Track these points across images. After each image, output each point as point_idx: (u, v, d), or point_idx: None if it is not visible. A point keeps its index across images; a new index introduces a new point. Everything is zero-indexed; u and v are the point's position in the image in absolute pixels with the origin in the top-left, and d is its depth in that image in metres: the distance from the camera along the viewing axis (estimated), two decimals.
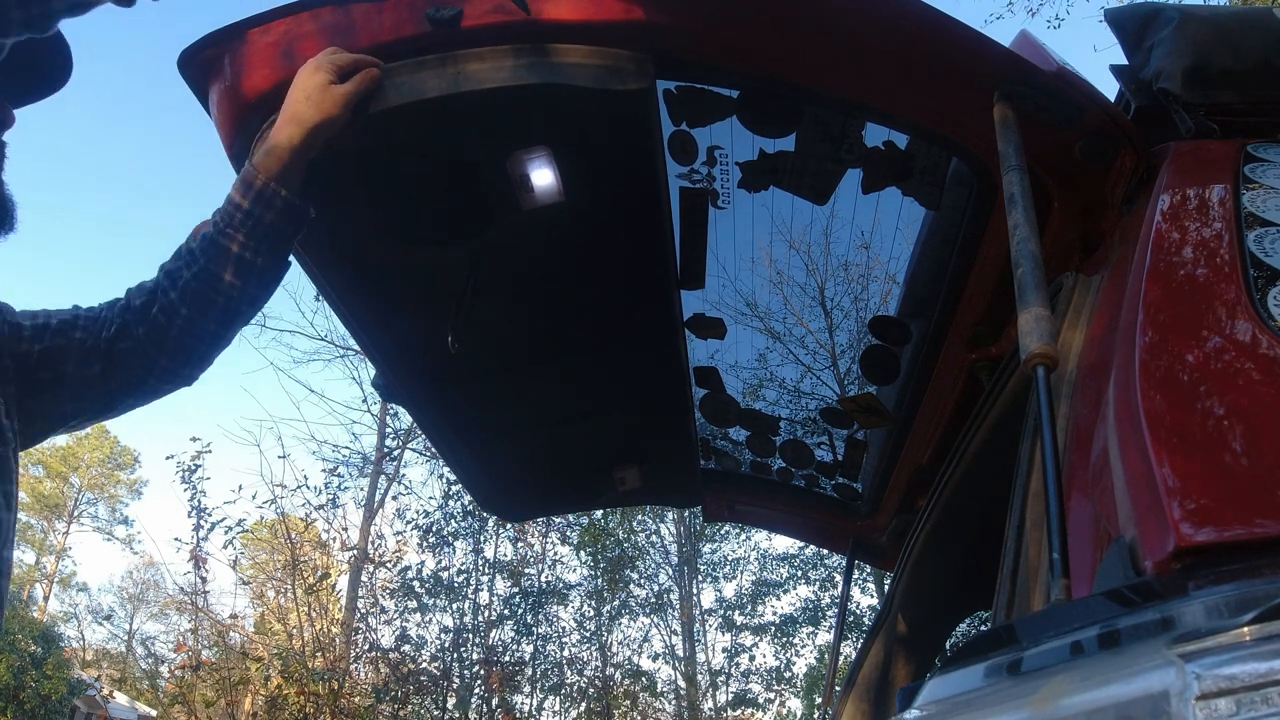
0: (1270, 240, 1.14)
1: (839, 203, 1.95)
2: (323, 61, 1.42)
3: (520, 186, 1.67)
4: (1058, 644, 0.74)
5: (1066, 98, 1.43)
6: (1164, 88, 1.67)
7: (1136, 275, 1.18)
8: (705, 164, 1.85)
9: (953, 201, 1.84)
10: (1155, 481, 0.84)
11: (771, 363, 2.74)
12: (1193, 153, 1.48)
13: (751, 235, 2.14)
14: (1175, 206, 1.32)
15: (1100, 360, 1.14)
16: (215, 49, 1.52)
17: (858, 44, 1.47)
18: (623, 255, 1.90)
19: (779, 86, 1.58)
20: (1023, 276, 1.14)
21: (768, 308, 2.48)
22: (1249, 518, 0.79)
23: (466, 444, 2.52)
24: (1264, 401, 0.93)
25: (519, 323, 2.14)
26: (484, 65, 1.46)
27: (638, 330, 2.14)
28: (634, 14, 1.42)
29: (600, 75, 1.45)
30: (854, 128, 1.72)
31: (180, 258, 1.47)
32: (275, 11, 1.50)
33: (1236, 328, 1.04)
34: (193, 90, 1.59)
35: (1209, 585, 0.68)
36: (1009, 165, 1.29)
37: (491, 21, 1.43)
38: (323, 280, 1.86)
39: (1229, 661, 0.57)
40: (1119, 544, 0.84)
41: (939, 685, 0.87)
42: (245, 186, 1.43)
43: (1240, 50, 1.69)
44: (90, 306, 1.48)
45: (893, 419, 2.50)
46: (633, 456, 2.68)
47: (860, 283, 2.38)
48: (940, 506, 2.26)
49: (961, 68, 1.46)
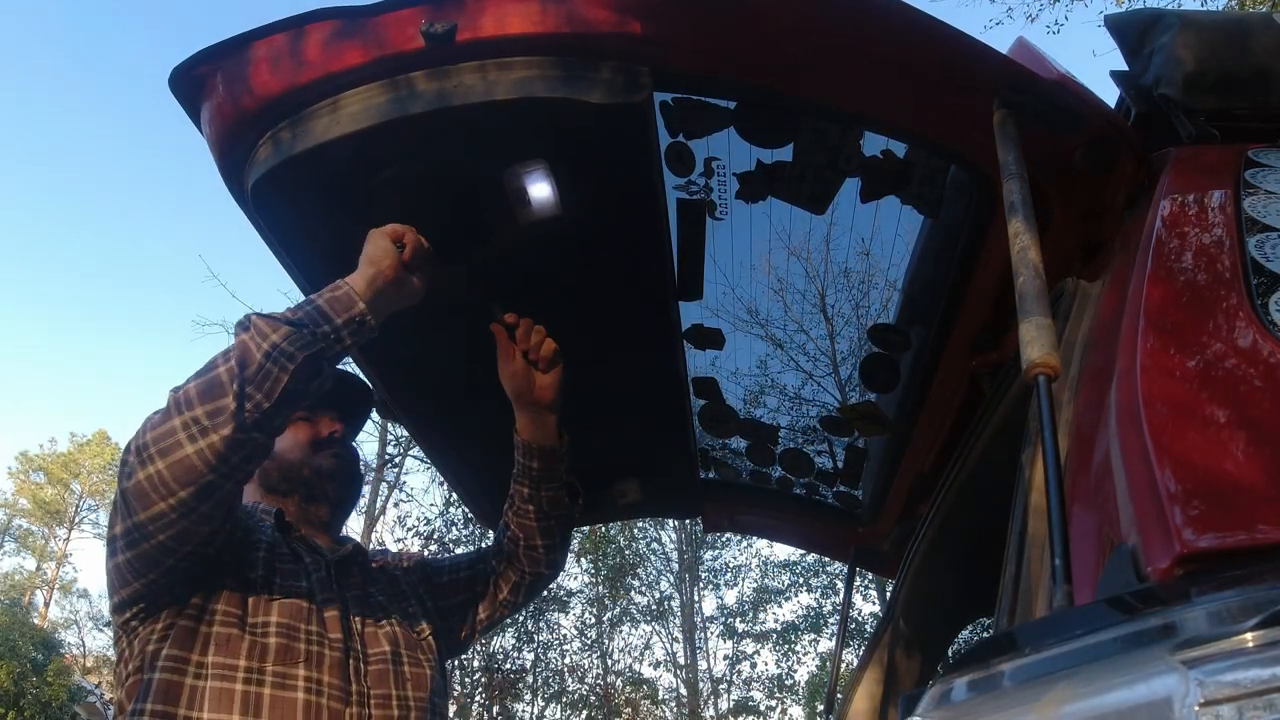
0: (1272, 245, 1.15)
1: (838, 211, 1.94)
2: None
3: (517, 200, 1.66)
4: (1060, 650, 0.73)
5: (1066, 104, 1.43)
6: (1164, 93, 1.67)
7: (1137, 281, 1.18)
8: (703, 175, 1.85)
9: (952, 209, 1.84)
10: (1157, 487, 0.84)
11: (771, 370, 2.74)
12: (1193, 158, 1.48)
13: (750, 245, 2.14)
14: (1176, 212, 1.32)
15: (1102, 366, 1.14)
16: (207, 66, 1.52)
17: (855, 54, 1.47)
18: (620, 267, 1.90)
19: (776, 98, 1.58)
20: (1023, 285, 1.14)
21: (767, 316, 2.48)
22: (1251, 524, 0.79)
23: (464, 460, 2.52)
24: (1266, 407, 0.93)
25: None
26: (479, 79, 1.46)
27: (636, 342, 2.14)
28: (631, 27, 1.42)
29: (598, 88, 1.45)
30: (852, 137, 1.72)
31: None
32: (267, 28, 1.49)
33: (1238, 333, 1.04)
34: (184, 108, 1.57)
35: (1212, 591, 0.68)
36: (1009, 173, 1.29)
37: (487, 35, 1.43)
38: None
39: (1232, 668, 0.57)
40: (1121, 550, 0.84)
41: (942, 692, 0.86)
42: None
43: (1241, 55, 1.69)
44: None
45: (893, 426, 2.49)
46: (632, 469, 2.68)
47: (860, 290, 2.38)
48: (942, 513, 2.26)
49: (960, 76, 1.46)
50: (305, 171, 1.55)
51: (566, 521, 1.95)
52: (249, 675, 1.44)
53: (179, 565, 1.42)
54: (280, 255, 1.76)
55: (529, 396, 1.83)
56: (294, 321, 1.42)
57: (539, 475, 1.87)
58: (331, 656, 1.52)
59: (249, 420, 1.35)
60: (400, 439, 16.48)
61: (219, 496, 1.40)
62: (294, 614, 1.52)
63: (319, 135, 1.50)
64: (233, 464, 1.37)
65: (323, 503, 1.76)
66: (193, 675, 1.43)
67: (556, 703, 19.48)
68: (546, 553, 1.92)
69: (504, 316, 1.79)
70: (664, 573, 22.67)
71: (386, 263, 1.53)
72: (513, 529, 1.91)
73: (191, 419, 1.34)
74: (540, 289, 1.95)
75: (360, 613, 1.65)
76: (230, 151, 1.58)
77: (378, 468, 16.32)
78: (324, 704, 1.47)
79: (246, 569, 1.54)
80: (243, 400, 1.34)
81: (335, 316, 1.46)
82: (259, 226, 1.69)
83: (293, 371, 1.37)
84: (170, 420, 1.35)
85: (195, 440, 1.33)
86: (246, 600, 1.51)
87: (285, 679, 1.46)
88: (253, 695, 1.43)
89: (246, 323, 1.42)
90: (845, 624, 3.62)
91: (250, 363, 1.36)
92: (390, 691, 1.58)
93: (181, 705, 1.40)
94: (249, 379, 1.35)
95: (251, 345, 1.37)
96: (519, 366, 1.81)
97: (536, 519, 1.89)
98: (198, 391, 1.36)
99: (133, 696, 1.44)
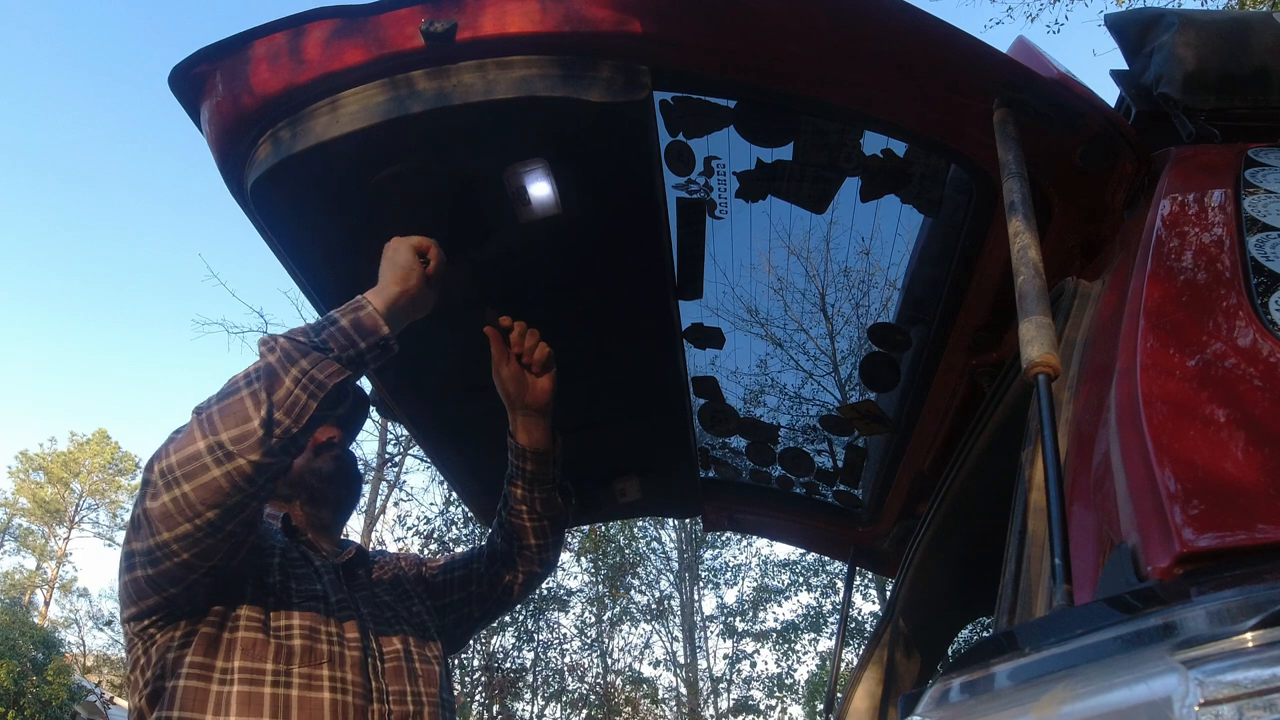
0: (1272, 245, 1.14)
1: (838, 210, 1.94)
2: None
3: (517, 199, 1.66)
4: (1060, 650, 0.73)
5: (1066, 104, 1.43)
6: (1164, 93, 1.67)
7: (1138, 281, 1.18)
8: (703, 174, 1.85)
9: (952, 208, 1.84)
10: (1157, 487, 0.84)
11: (771, 369, 2.74)
12: (1194, 158, 1.48)
13: (750, 244, 2.14)
14: (1176, 212, 1.32)
15: (1102, 366, 1.14)
16: (207, 65, 1.51)
17: (855, 53, 1.47)
18: (620, 266, 1.90)
19: (776, 97, 1.58)
20: (1023, 284, 1.13)
21: (767, 315, 2.48)
22: (1251, 523, 0.79)
23: (464, 458, 2.52)
24: (1266, 406, 0.93)
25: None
26: (479, 78, 1.45)
27: (635, 341, 2.14)
28: (631, 26, 1.42)
29: (597, 87, 1.45)
30: (852, 136, 1.72)
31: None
32: (267, 27, 1.49)
33: (1238, 332, 1.04)
34: (184, 107, 1.57)
35: (1211, 591, 0.68)
36: (1009, 172, 1.28)
37: (486, 34, 1.43)
38: (318, 300, 1.86)
39: (1232, 668, 0.57)
40: (1121, 550, 0.84)
41: (942, 691, 0.86)
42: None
43: (1241, 55, 1.69)
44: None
45: (893, 426, 2.49)
46: (632, 468, 2.68)
47: (860, 289, 2.38)
48: (942, 512, 2.26)
49: (961, 75, 1.46)
50: (305, 170, 1.55)
51: (559, 521, 1.96)
52: (276, 678, 1.46)
53: (202, 580, 1.43)
54: (280, 254, 1.76)
55: (523, 400, 1.84)
56: (321, 346, 1.42)
57: (532, 476, 1.88)
58: (351, 656, 1.54)
59: (276, 445, 1.36)
60: (400, 438, 16.48)
61: (244, 516, 1.40)
62: (314, 617, 1.54)
63: (319, 134, 1.50)
64: (259, 485, 1.38)
65: (325, 505, 1.78)
66: (218, 681, 1.43)
67: (556, 702, 19.49)
68: (540, 552, 1.94)
69: (499, 320, 1.79)
70: (664, 572, 22.69)
71: (413, 280, 1.52)
72: (506, 529, 1.92)
73: (217, 443, 1.33)
74: (540, 288, 1.95)
75: (371, 613, 1.67)
76: (230, 150, 1.58)
77: (378, 467, 16.31)
78: (350, 702, 1.50)
79: (265, 575, 1.55)
80: (271, 426, 1.34)
81: (360, 341, 1.45)
82: (258, 225, 1.69)
83: (322, 400, 1.39)
84: (196, 444, 1.35)
85: (222, 464, 1.33)
86: (268, 605, 1.52)
87: (311, 680, 1.48)
88: (281, 697, 1.44)
89: (273, 344, 1.41)
90: (845, 623, 3.62)
91: (278, 388, 1.36)
92: (406, 688, 1.61)
93: (209, 711, 1.41)
94: (277, 404, 1.35)
95: (279, 370, 1.38)
96: (513, 370, 1.82)
97: (530, 519, 1.90)
98: (223, 415, 1.36)
99: (155, 705, 1.44)
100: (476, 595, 1.94)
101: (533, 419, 1.86)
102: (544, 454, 1.88)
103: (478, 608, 1.95)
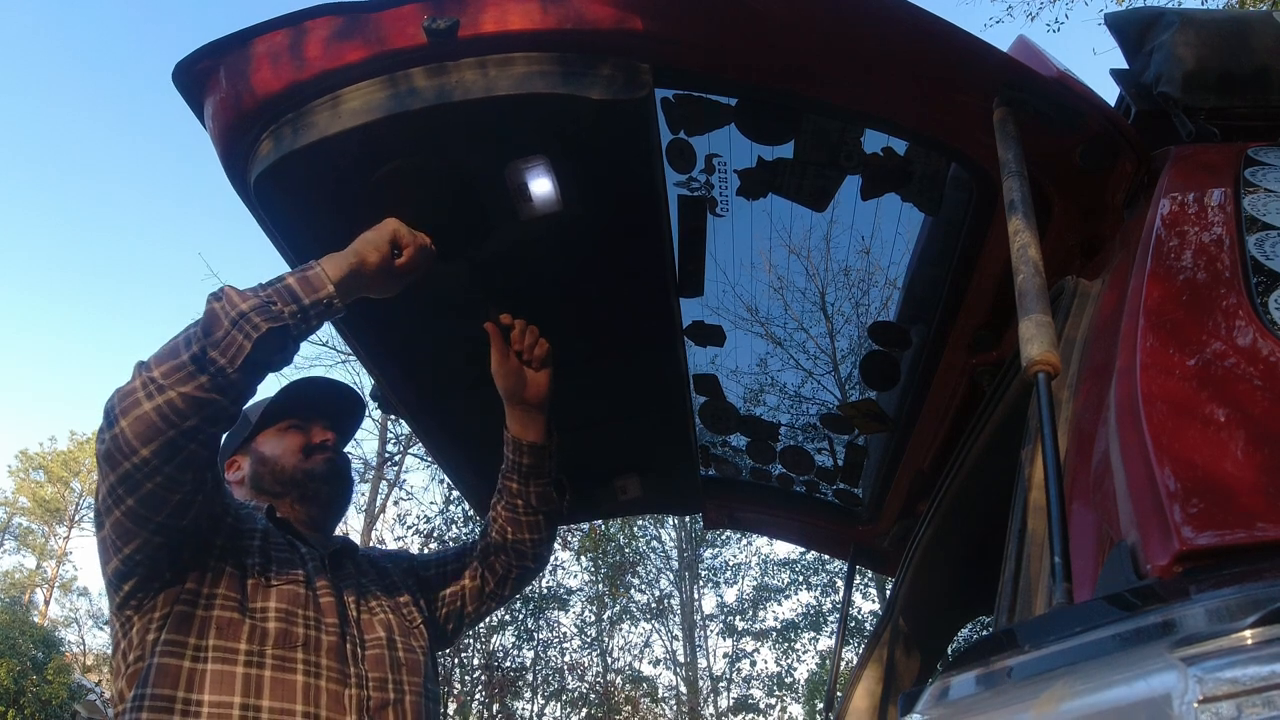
0: (1271, 244, 1.15)
1: (838, 208, 1.94)
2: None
3: (518, 196, 1.67)
4: (1060, 648, 0.74)
5: (1066, 103, 1.43)
6: (1164, 92, 1.67)
7: (1137, 279, 1.18)
8: (704, 172, 1.85)
9: (952, 207, 1.84)
10: (1157, 485, 0.84)
11: (772, 368, 2.74)
12: (1193, 157, 1.48)
13: (751, 242, 2.14)
14: (1176, 211, 1.32)
15: (1101, 364, 1.14)
16: (210, 61, 1.52)
17: (856, 51, 1.47)
18: (621, 264, 1.90)
19: (777, 95, 1.58)
20: (1023, 283, 1.14)
21: (768, 313, 2.48)
22: (1251, 521, 0.79)
23: (465, 455, 2.52)
24: (1265, 405, 0.93)
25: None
26: (480, 75, 1.46)
27: (636, 339, 2.14)
28: (632, 24, 1.42)
29: (598, 84, 1.45)
30: (852, 135, 1.72)
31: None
32: (270, 23, 1.50)
33: (1238, 331, 1.04)
34: (188, 103, 1.58)
35: (1211, 589, 0.68)
36: (1009, 171, 1.29)
37: (488, 31, 1.43)
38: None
39: (1231, 665, 0.57)
40: (1121, 548, 0.84)
41: (941, 690, 0.87)
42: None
43: (1241, 54, 1.69)
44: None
45: (893, 424, 2.49)
46: (632, 466, 2.68)
47: (860, 288, 2.38)
48: (942, 511, 2.26)
49: (961, 74, 1.46)
50: (307, 166, 1.56)
51: (554, 517, 1.98)
52: (250, 658, 1.48)
53: (154, 539, 1.45)
54: (282, 249, 1.77)
55: (521, 395, 1.85)
56: (264, 295, 1.45)
57: (528, 471, 1.90)
58: (328, 641, 1.56)
59: (209, 383, 1.39)
60: (400, 437, 16.49)
61: (182, 458, 1.42)
62: (291, 600, 1.57)
63: (321, 130, 1.50)
64: (192, 423, 1.40)
65: (314, 503, 1.80)
66: (190, 658, 1.46)
67: (556, 700, 19.50)
68: (533, 546, 1.95)
69: (499, 316, 1.80)
70: (664, 570, 22.70)
71: (373, 259, 1.54)
72: (500, 523, 1.93)
73: (150, 378, 1.38)
74: (541, 285, 1.95)
75: (355, 601, 1.69)
76: (233, 146, 1.59)
77: (377, 466, 16.33)
78: (322, 685, 1.52)
79: (244, 555, 1.58)
80: (204, 363, 1.38)
81: (304, 296, 1.47)
82: (261, 220, 1.70)
83: (256, 340, 1.41)
84: (133, 382, 1.40)
85: (153, 397, 1.37)
86: (245, 586, 1.54)
87: (285, 662, 1.50)
88: (253, 677, 1.47)
89: (219, 293, 1.46)
90: (845, 622, 3.63)
91: (216, 328, 1.40)
92: (387, 675, 1.62)
93: (181, 687, 1.43)
94: (213, 343, 1.39)
95: (220, 314, 1.41)
96: (512, 366, 1.83)
97: (525, 513, 1.92)
98: (159, 355, 1.42)
99: (133, 684, 1.46)
100: (468, 589, 1.95)
101: (530, 414, 1.88)
102: (540, 449, 1.90)
103: (469, 602, 1.96)
